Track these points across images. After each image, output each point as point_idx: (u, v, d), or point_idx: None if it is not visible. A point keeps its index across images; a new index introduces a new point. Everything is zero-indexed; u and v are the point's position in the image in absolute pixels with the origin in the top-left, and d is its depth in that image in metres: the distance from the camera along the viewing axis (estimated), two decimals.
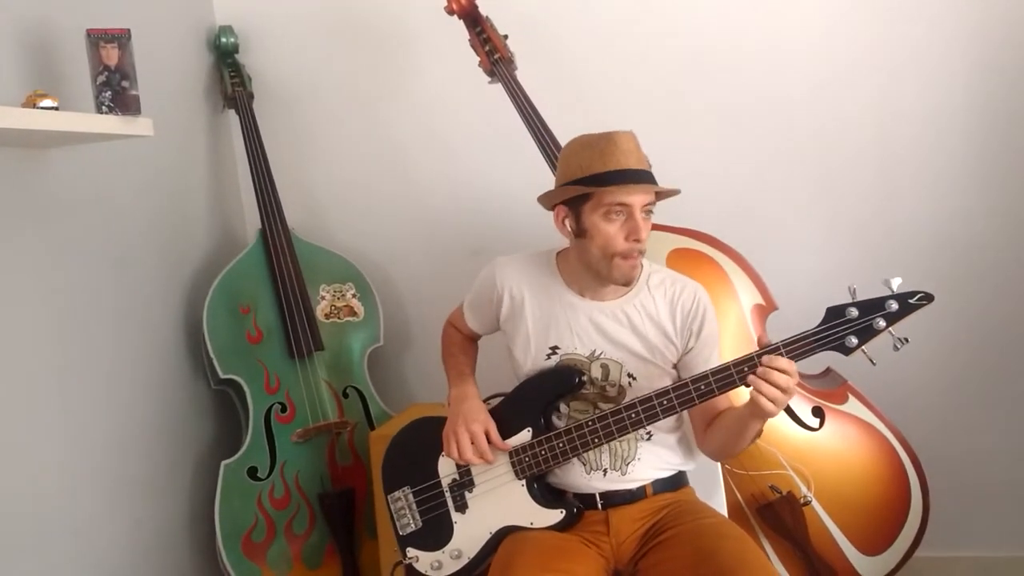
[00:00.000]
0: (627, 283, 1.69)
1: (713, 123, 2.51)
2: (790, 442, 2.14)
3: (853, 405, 2.17)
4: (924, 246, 2.43)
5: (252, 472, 2.37)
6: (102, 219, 2.12)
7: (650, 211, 1.66)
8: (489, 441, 1.72)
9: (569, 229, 1.71)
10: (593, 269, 1.69)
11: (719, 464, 1.93)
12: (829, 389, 2.20)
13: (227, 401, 2.52)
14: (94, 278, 2.07)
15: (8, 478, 1.76)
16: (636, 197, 1.62)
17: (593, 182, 1.63)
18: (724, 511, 1.88)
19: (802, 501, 2.11)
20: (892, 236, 2.45)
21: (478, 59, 2.39)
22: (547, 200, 1.74)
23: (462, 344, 1.97)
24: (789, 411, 2.14)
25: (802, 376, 2.22)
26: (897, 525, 2.14)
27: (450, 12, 2.40)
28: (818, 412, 2.16)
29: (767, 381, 1.51)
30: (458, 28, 2.41)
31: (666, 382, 1.72)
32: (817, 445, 2.14)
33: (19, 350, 1.82)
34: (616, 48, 2.53)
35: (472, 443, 1.71)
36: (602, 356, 1.74)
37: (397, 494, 1.84)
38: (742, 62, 2.47)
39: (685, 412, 1.76)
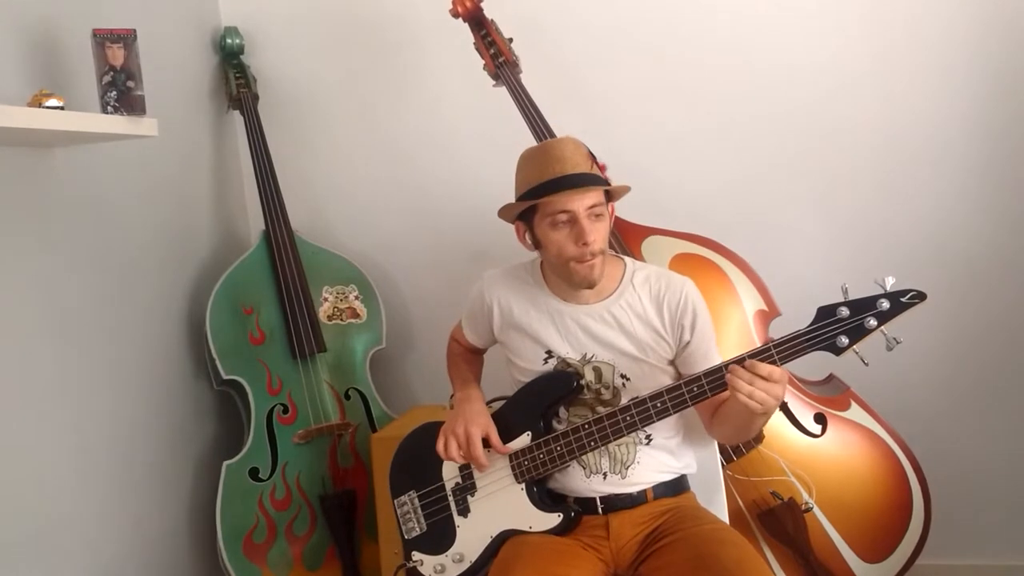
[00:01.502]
0: (590, 285, 1.70)
1: (716, 128, 2.51)
2: (792, 448, 2.13)
3: (855, 412, 2.17)
4: (926, 251, 2.42)
5: (253, 473, 2.38)
6: (106, 219, 2.12)
7: (599, 213, 1.66)
8: (489, 445, 1.73)
9: (529, 242, 1.74)
10: (559, 275, 1.72)
11: (720, 470, 1.93)
12: (831, 396, 2.19)
13: (229, 402, 2.52)
14: (97, 277, 2.08)
15: (9, 477, 1.77)
16: (576, 202, 1.62)
17: (531, 195, 1.66)
18: (725, 517, 1.88)
19: (803, 507, 2.10)
20: (894, 241, 2.45)
21: (483, 62, 2.39)
22: (504, 217, 1.77)
23: (465, 355, 1.98)
24: (791, 417, 2.14)
25: (805, 383, 2.22)
26: (899, 532, 2.13)
27: (455, 15, 2.40)
28: (820, 419, 2.15)
29: (744, 381, 1.50)
30: (463, 31, 2.41)
31: (661, 380, 1.73)
32: (819, 451, 2.14)
33: (21, 348, 1.82)
34: (621, 52, 2.53)
35: (469, 444, 1.71)
36: (593, 359, 1.74)
37: (403, 498, 1.85)
38: (745, 68, 2.47)
39: (686, 414, 1.76)
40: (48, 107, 1.64)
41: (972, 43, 2.35)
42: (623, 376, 1.73)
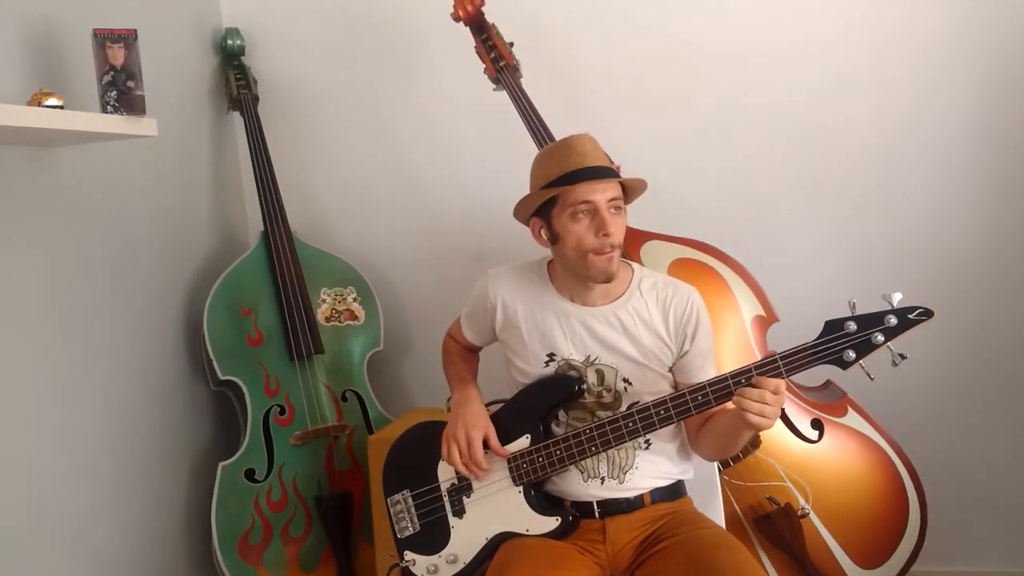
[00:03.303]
0: (607, 279, 1.70)
1: (716, 134, 2.51)
2: (789, 454, 2.13)
3: (852, 418, 2.17)
4: (925, 259, 2.43)
5: (249, 474, 2.37)
6: (105, 218, 2.12)
7: (618, 207, 1.67)
8: (488, 447, 1.72)
9: (545, 238, 1.74)
10: (573, 271, 1.72)
11: (717, 474, 1.93)
12: (829, 402, 2.20)
13: (226, 402, 2.52)
14: (96, 277, 2.08)
15: (5, 477, 1.76)
16: (598, 193, 1.64)
17: (552, 186, 1.66)
18: (721, 522, 1.88)
19: (800, 513, 2.10)
20: (893, 249, 2.45)
21: (483, 66, 2.40)
22: (520, 214, 1.76)
23: (462, 353, 1.97)
24: (788, 423, 2.14)
25: (802, 388, 2.22)
26: (894, 538, 2.13)
27: (456, 19, 2.41)
28: (817, 424, 2.15)
29: (753, 400, 1.52)
30: (464, 34, 2.41)
31: (662, 386, 1.73)
32: (816, 457, 2.14)
33: (19, 348, 1.82)
34: (621, 57, 2.54)
35: (469, 449, 1.71)
36: (597, 361, 1.74)
37: (397, 497, 1.84)
38: (745, 75, 2.47)
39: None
40: (48, 106, 1.64)
41: (970, 48, 2.36)
42: (625, 380, 1.73)
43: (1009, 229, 2.40)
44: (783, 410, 2.14)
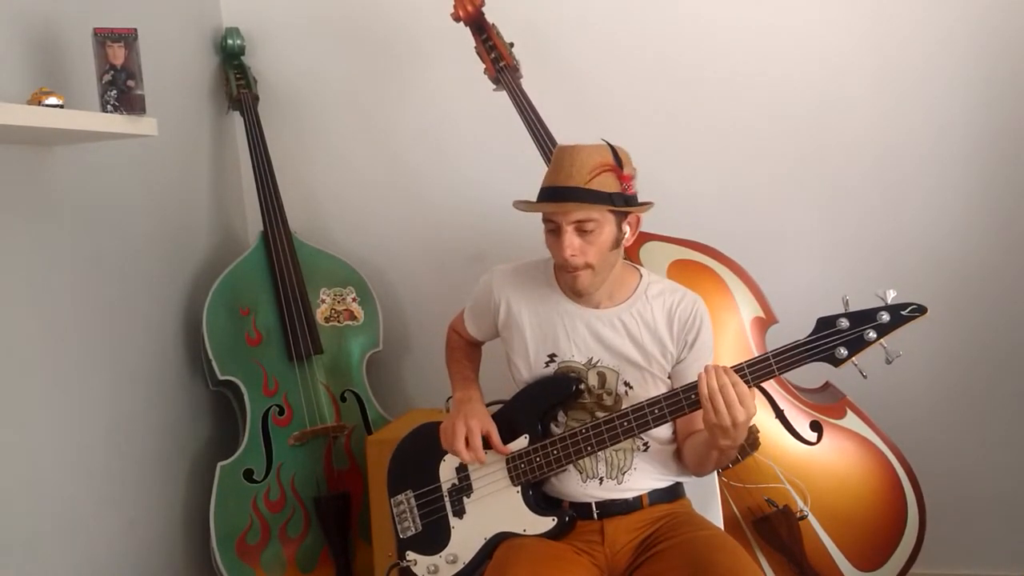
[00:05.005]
0: (576, 294, 1.72)
1: (716, 135, 2.51)
2: (787, 456, 2.13)
3: (851, 420, 2.17)
4: (924, 261, 2.43)
5: (248, 474, 2.37)
6: (104, 218, 2.12)
7: (589, 229, 1.63)
8: (490, 444, 1.73)
9: None
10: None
11: (716, 476, 1.93)
12: (827, 404, 2.20)
13: (224, 402, 2.52)
14: (95, 277, 2.08)
15: (4, 477, 1.76)
16: (558, 215, 1.64)
17: (538, 199, 1.69)
18: (720, 523, 1.88)
19: (798, 515, 2.10)
20: (892, 250, 2.45)
21: (483, 66, 2.40)
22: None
23: (465, 349, 1.97)
24: (787, 425, 2.14)
25: (801, 390, 2.22)
26: (893, 541, 2.13)
27: (456, 19, 2.41)
28: (816, 426, 2.15)
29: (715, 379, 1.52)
30: (464, 34, 2.41)
31: (661, 391, 1.73)
32: (814, 459, 2.14)
33: (17, 347, 1.82)
34: (621, 58, 2.54)
35: (468, 436, 1.71)
36: (599, 364, 1.74)
37: (400, 497, 1.85)
38: (746, 76, 2.48)
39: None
40: (48, 105, 1.64)
41: (973, 54, 2.36)
42: (626, 384, 1.73)
43: (1009, 233, 2.40)
44: (783, 412, 2.14)
